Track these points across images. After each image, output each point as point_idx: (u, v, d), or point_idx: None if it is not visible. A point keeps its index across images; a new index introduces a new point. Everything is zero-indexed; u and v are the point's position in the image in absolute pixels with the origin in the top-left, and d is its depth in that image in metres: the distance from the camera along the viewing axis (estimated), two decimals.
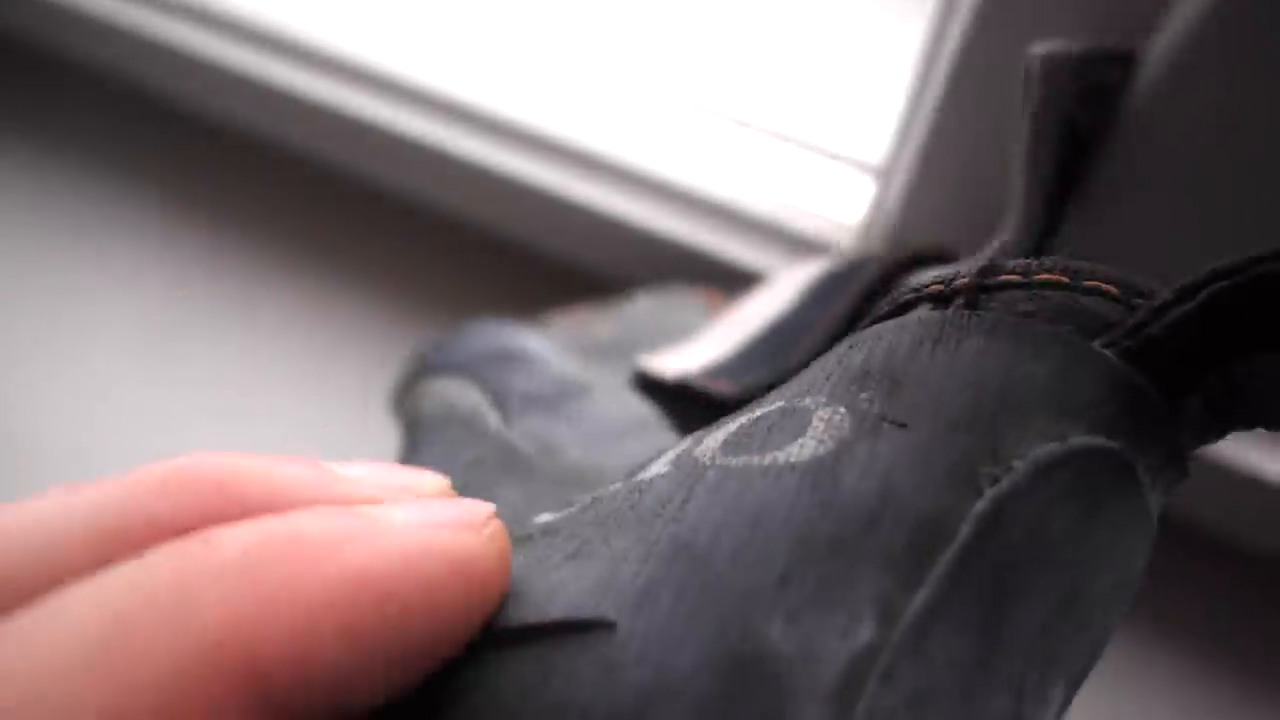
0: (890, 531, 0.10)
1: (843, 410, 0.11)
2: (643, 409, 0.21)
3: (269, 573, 0.08)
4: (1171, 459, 0.11)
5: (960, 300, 0.12)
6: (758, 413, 0.12)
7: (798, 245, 0.31)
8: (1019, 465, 0.10)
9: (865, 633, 0.09)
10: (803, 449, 0.11)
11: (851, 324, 0.22)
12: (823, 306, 0.22)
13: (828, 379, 0.12)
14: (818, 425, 0.11)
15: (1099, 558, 0.10)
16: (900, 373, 0.11)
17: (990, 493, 0.10)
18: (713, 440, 0.12)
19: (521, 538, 0.13)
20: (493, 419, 0.20)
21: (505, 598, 0.10)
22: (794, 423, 0.11)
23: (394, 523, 0.10)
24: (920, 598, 0.09)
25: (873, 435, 0.10)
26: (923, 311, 0.12)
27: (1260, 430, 0.12)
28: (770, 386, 0.20)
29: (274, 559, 0.09)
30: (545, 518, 0.14)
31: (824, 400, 0.11)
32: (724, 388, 0.20)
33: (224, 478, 0.10)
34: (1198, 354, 0.11)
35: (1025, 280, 0.12)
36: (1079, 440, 0.10)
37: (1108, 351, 0.11)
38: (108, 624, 0.08)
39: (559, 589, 0.10)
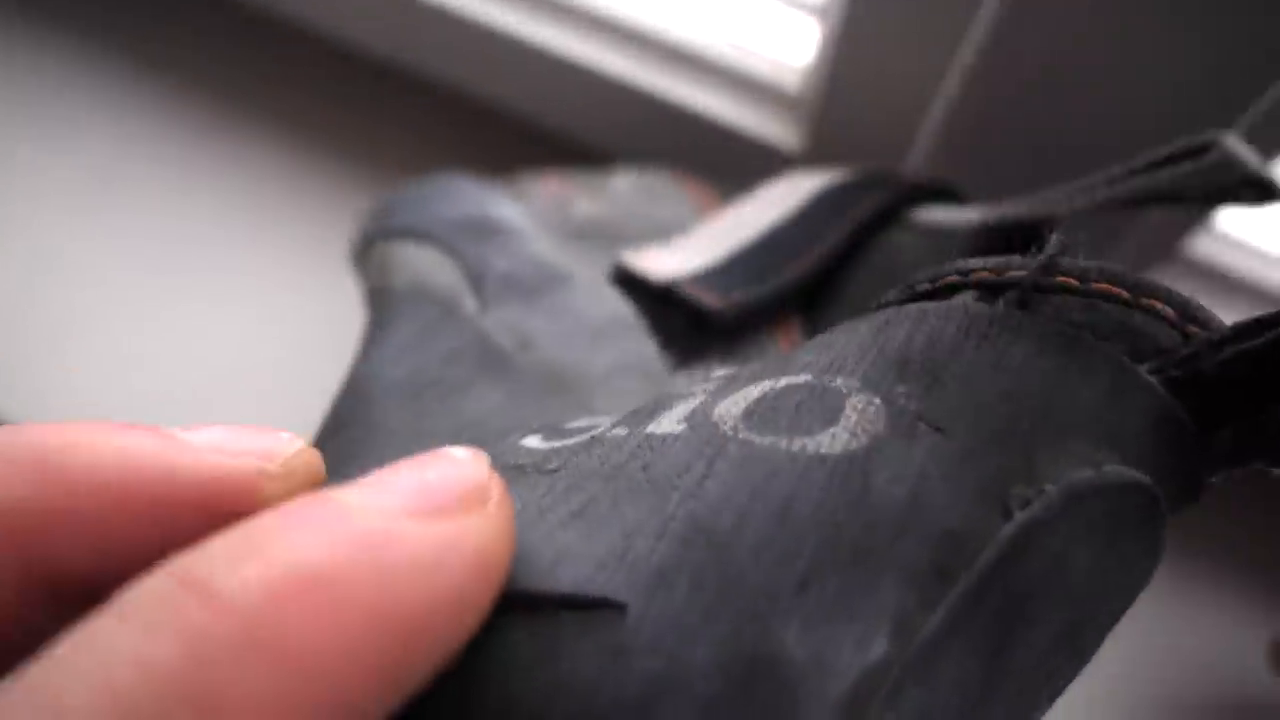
0: (916, 545, 0.09)
1: (877, 402, 0.10)
2: (621, 307, 0.20)
3: (295, 633, 0.07)
4: (1189, 487, 0.11)
5: (1012, 296, 0.11)
6: (782, 382, 0.11)
7: (748, 87, 0.30)
8: (1051, 490, 0.10)
9: (879, 648, 0.09)
10: (834, 440, 0.10)
11: (847, 252, 0.21)
12: (819, 226, 0.21)
13: (861, 357, 0.11)
14: (850, 415, 0.10)
15: (1109, 590, 0.10)
16: (941, 368, 0.11)
17: (1020, 517, 0.10)
18: (732, 405, 0.11)
19: (511, 468, 0.12)
20: (469, 304, 0.19)
21: None
22: (824, 406, 0.11)
23: (404, 534, 0.09)
24: (937, 617, 0.09)
25: (908, 436, 0.10)
26: (969, 300, 0.11)
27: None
28: (757, 309, 0.20)
29: (292, 610, 0.07)
30: (533, 442, 0.13)
31: (857, 385, 0.11)
32: (711, 300, 0.20)
33: (44, 454, 0.09)
34: (1245, 394, 0.10)
35: (1082, 287, 0.11)
36: (1113, 471, 0.10)
37: (1155, 379, 0.11)
38: None
39: (565, 555, 0.10)
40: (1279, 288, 0.28)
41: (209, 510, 0.10)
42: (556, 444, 0.13)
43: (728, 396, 0.11)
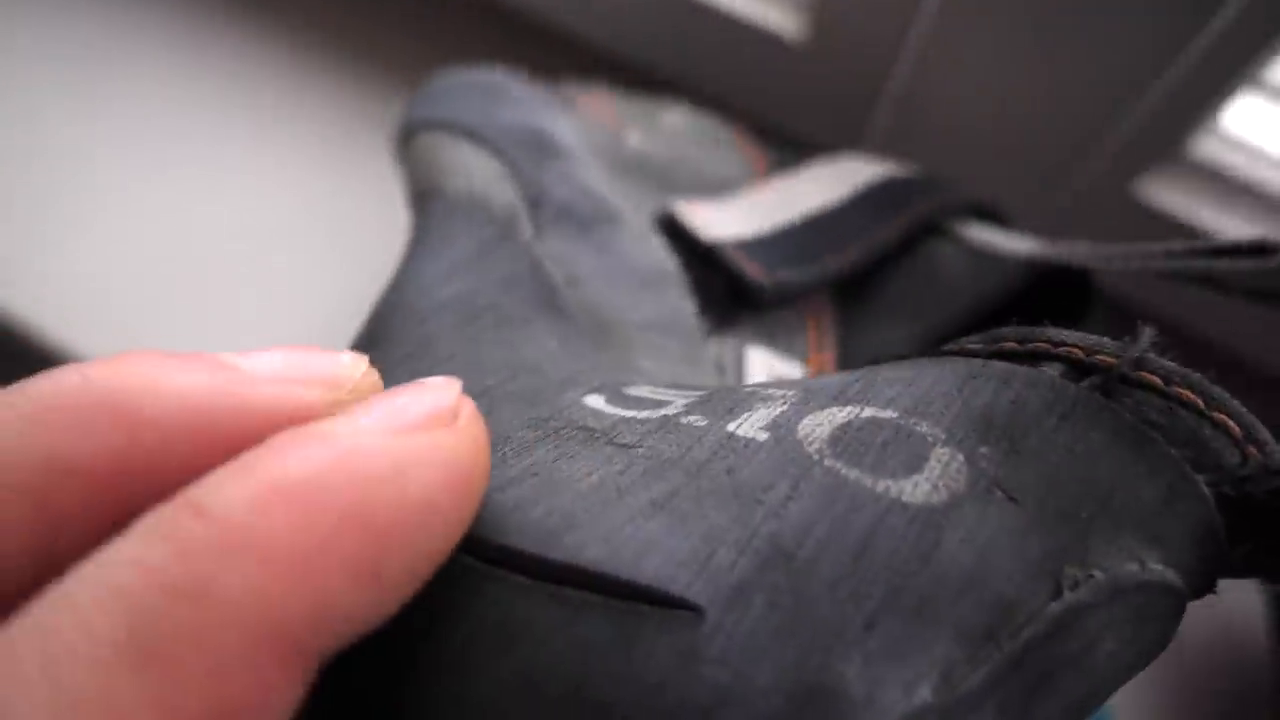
0: (974, 607, 0.10)
1: (960, 459, 0.11)
2: (665, 258, 0.20)
3: (274, 535, 0.08)
4: (1202, 589, 0.12)
5: (1097, 381, 0.12)
6: (868, 412, 0.12)
7: None
8: (1100, 577, 0.10)
9: (923, 694, 0.10)
10: (916, 489, 0.11)
11: (895, 251, 0.21)
12: (869, 219, 0.22)
13: (947, 407, 0.12)
14: (934, 467, 0.11)
15: (1121, 671, 0.11)
16: (1021, 437, 0.11)
17: (1069, 598, 0.10)
18: (817, 425, 0.12)
19: (579, 428, 0.12)
20: (525, 228, 0.18)
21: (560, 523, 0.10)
22: (910, 451, 0.11)
23: (375, 446, 0.09)
24: (978, 676, 0.10)
25: (983, 501, 0.11)
26: (1056, 375, 0.12)
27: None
28: (798, 291, 0.20)
29: (272, 516, 0.08)
30: (597, 402, 0.13)
31: (943, 437, 0.11)
32: (754, 273, 0.20)
33: (114, 401, 0.09)
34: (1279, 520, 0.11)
35: (1164, 390, 0.12)
36: (1155, 570, 0.11)
37: (1210, 492, 0.11)
38: (135, 623, 0.07)
39: (650, 547, 0.10)
40: None
41: None
42: (624, 413, 0.13)
43: (811, 414, 0.12)
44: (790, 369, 0.19)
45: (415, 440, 0.10)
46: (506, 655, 0.10)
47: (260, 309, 0.28)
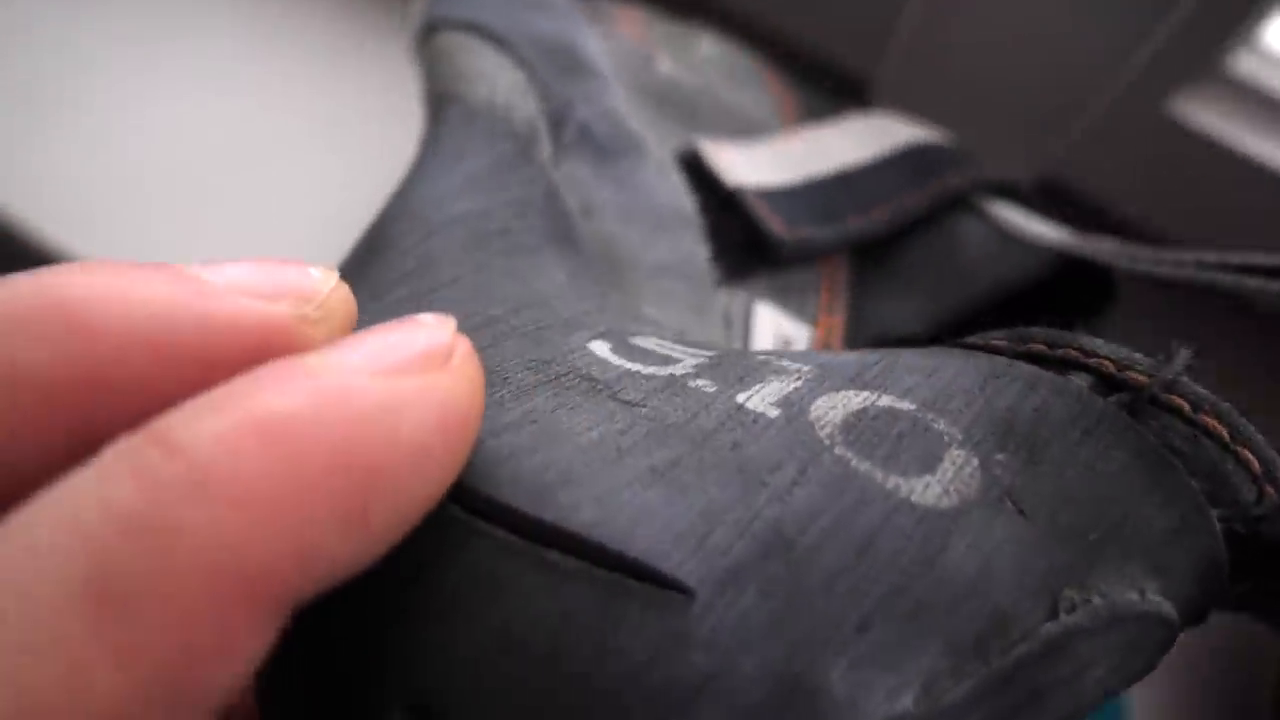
0: (968, 618, 0.10)
1: (975, 464, 0.11)
2: (683, 198, 0.19)
3: (249, 475, 0.08)
4: (1194, 621, 0.12)
5: (1125, 399, 0.11)
6: (885, 401, 0.11)
7: None
8: (1099, 602, 0.10)
9: (905, 703, 0.09)
10: (927, 490, 0.10)
11: (920, 220, 0.21)
12: (898, 184, 0.21)
13: (967, 405, 0.11)
14: (948, 469, 0.10)
15: (1102, 697, 0.11)
16: (1041, 448, 0.11)
17: (1065, 620, 0.10)
18: (831, 408, 0.11)
19: (583, 377, 0.12)
20: (545, 148, 0.17)
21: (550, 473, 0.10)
22: (924, 448, 0.11)
23: (364, 385, 0.09)
24: (962, 689, 0.10)
25: (993, 510, 0.10)
26: (1084, 386, 0.11)
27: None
28: (818, 250, 0.19)
29: (249, 455, 0.08)
30: (601, 350, 0.13)
31: (959, 437, 0.11)
32: (776, 225, 0.19)
33: (71, 309, 0.09)
34: None
35: (1192, 416, 0.11)
36: (1154, 601, 0.10)
37: (1220, 526, 0.11)
38: (94, 565, 0.07)
39: (644, 517, 0.10)
40: None
41: (252, 362, 0.09)
42: (628, 365, 0.12)
43: (825, 394, 0.11)
44: (798, 330, 0.19)
45: (409, 383, 0.09)
46: (494, 606, 0.09)
47: (262, 213, 0.27)
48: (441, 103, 0.18)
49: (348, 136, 0.28)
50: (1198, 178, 0.26)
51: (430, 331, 0.10)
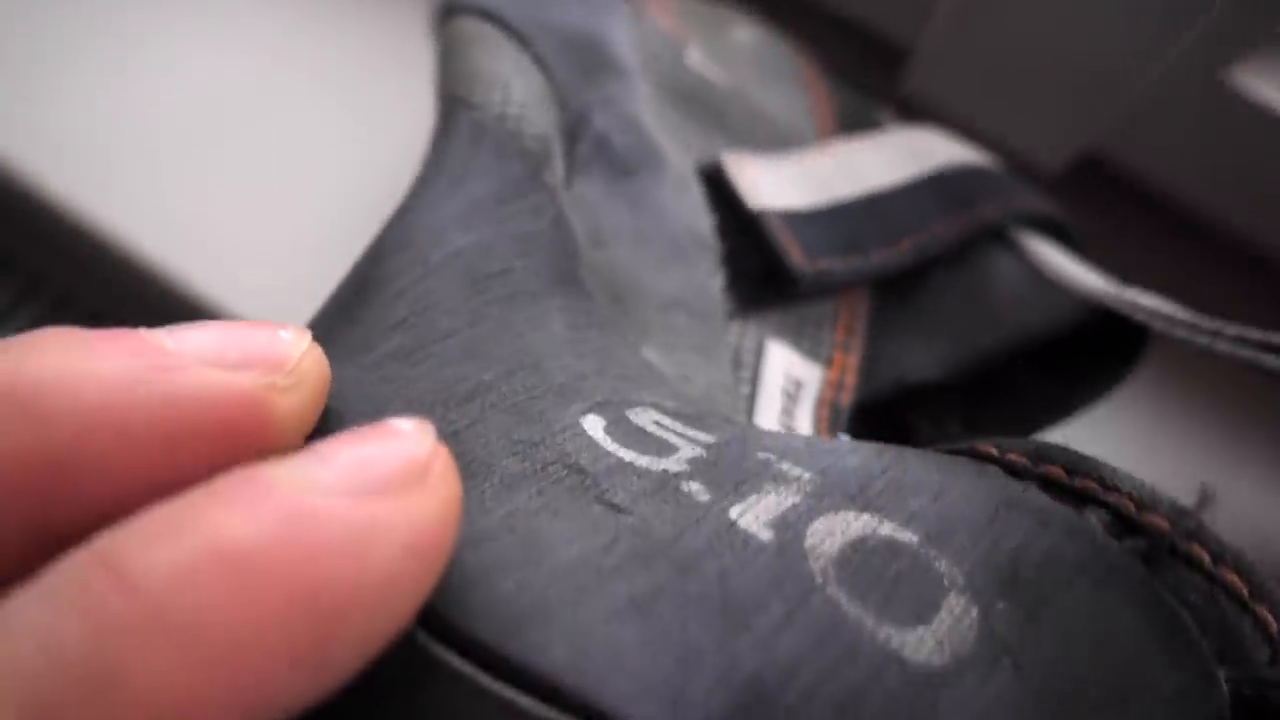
0: None
1: (974, 615, 0.10)
2: (700, 218, 0.18)
3: (204, 613, 0.07)
4: None
5: (1141, 545, 0.11)
6: (886, 529, 0.11)
7: None
8: None
9: None
10: (920, 644, 0.10)
11: (938, 257, 0.20)
12: (929, 210, 0.20)
13: (973, 543, 0.11)
14: (944, 619, 0.10)
15: None
16: (1045, 600, 0.10)
17: None
18: (829, 535, 0.10)
19: (572, 468, 0.11)
20: (557, 167, 0.16)
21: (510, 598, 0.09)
22: (923, 591, 0.10)
23: (333, 512, 0.08)
24: None
25: (988, 667, 0.10)
26: (1099, 527, 0.11)
27: None
28: (838, 284, 0.18)
29: (204, 590, 0.07)
30: (594, 429, 0.12)
31: (960, 582, 0.10)
32: (796, 256, 0.18)
33: (23, 393, 0.08)
34: None
35: (1211, 569, 0.10)
36: None
37: (1227, 687, 0.10)
38: (28, 708, 0.07)
39: (620, 661, 0.09)
40: None
41: (219, 437, 0.09)
42: (622, 454, 0.12)
43: (824, 515, 0.11)
44: (810, 372, 0.18)
45: (380, 506, 0.09)
46: None
47: (275, 168, 0.26)
48: (452, 107, 0.17)
49: (363, 89, 0.27)
50: (1258, 154, 0.24)
51: (408, 444, 0.09)
